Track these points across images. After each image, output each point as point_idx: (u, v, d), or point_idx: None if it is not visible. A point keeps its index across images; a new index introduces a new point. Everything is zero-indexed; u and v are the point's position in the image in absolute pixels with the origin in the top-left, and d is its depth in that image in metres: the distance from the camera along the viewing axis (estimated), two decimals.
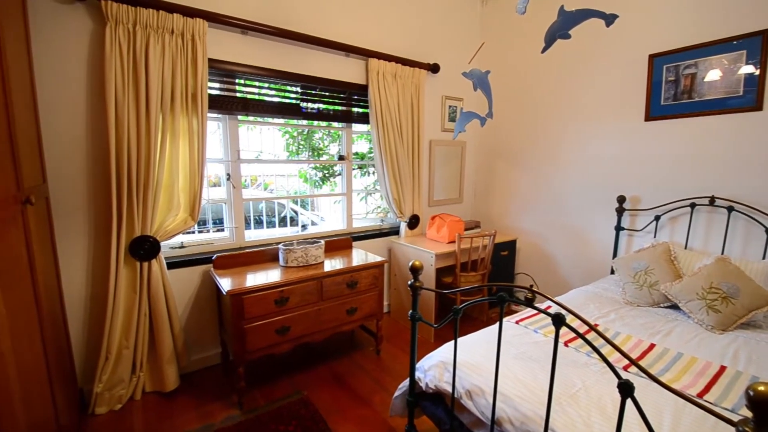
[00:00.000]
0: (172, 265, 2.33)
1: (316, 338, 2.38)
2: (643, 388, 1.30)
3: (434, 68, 3.36)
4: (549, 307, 2.12)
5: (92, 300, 2.15)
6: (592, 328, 1.00)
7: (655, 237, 2.68)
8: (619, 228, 2.85)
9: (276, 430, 1.94)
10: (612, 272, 2.87)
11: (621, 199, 2.80)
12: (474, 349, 1.65)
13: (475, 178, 4.04)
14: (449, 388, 1.50)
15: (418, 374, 1.68)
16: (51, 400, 1.51)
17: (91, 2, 1.94)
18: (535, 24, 3.22)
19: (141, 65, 1.98)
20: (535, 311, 1.42)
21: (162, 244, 2.17)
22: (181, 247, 2.48)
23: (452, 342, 1.53)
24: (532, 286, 1.13)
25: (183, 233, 2.31)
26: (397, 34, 3.16)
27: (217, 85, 2.39)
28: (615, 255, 2.88)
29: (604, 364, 0.98)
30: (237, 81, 2.48)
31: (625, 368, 1.51)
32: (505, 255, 3.41)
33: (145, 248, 2.10)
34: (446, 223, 3.12)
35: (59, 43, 1.92)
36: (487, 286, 1.28)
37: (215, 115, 2.46)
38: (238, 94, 2.49)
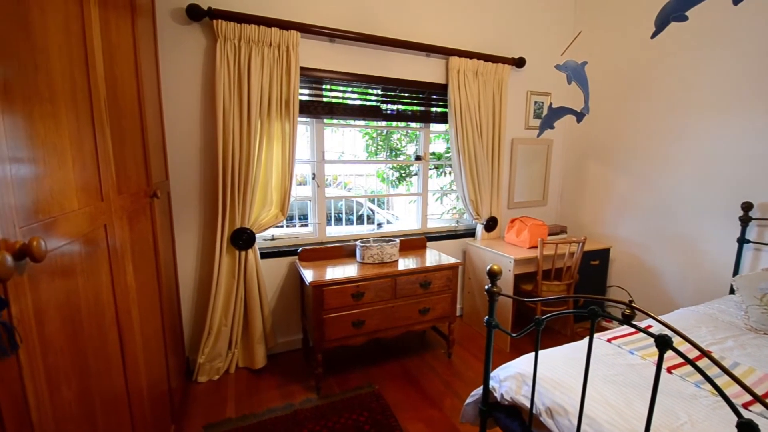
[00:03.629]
0: (264, 255, 2.57)
1: (389, 334, 2.43)
2: None
3: (519, 62, 3.19)
4: (650, 326, 1.88)
5: (199, 282, 2.47)
6: (705, 354, 0.87)
7: None
8: (743, 240, 2.41)
9: (349, 418, 2.03)
10: (732, 292, 2.44)
11: (747, 207, 2.37)
12: (556, 364, 1.54)
13: (562, 180, 3.75)
14: (527, 403, 1.42)
15: (492, 383, 1.61)
16: (165, 365, 1.77)
17: (205, 22, 2.23)
18: (641, 7, 2.88)
19: (244, 75, 2.22)
20: (633, 330, 1.27)
21: (256, 235, 2.41)
22: (272, 239, 2.72)
23: (531, 354, 1.45)
24: (631, 301, 1.01)
25: (274, 227, 2.53)
26: (479, 29, 3.07)
27: (306, 91, 2.57)
28: (736, 272, 2.44)
29: (718, 398, 0.85)
30: (324, 86, 2.63)
31: (746, 405, 1.27)
32: (595, 265, 3.11)
33: (243, 239, 2.35)
34: (527, 227, 2.95)
35: (180, 58, 2.23)
36: (574, 297, 1.19)
37: (304, 118, 2.65)
38: (324, 99, 2.65)
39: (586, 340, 1.37)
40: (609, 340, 1.79)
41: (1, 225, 0.59)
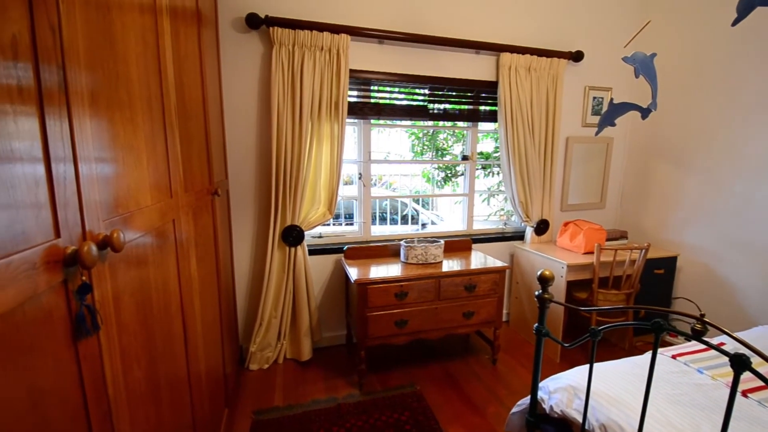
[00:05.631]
0: (312, 252, 2.67)
1: (432, 336, 2.40)
2: None
3: (576, 56, 3.01)
4: (722, 344, 1.70)
5: (253, 275, 2.61)
6: None
7: None
8: None
9: (390, 416, 2.04)
10: None
11: None
12: (612, 379, 1.44)
13: (623, 181, 3.49)
14: (579, 418, 1.34)
15: (541, 394, 1.55)
16: (221, 352, 1.89)
17: (262, 30, 2.35)
18: None
19: (297, 79, 2.31)
20: (704, 347, 1.16)
21: (305, 233, 2.50)
22: (320, 237, 2.81)
23: (585, 366, 1.36)
24: (702, 315, 0.92)
25: (321, 225, 2.61)
26: (533, 23, 2.93)
27: (354, 92, 2.62)
28: None
29: None
30: (372, 88, 2.67)
31: None
32: (659, 274, 2.86)
33: (293, 236, 2.45)
34: (583, 231, 2.78)
35: (239, 65, 2.37)
36: (634, 308, 1.10)
37: (352, 120, 2.70)
38: (372, 100, 2.68)
39: (647, 354, 1.27)
40: (674, 357, 1.64)
41: (88, 218, 0.67)
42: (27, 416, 0.52)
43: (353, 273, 2.30)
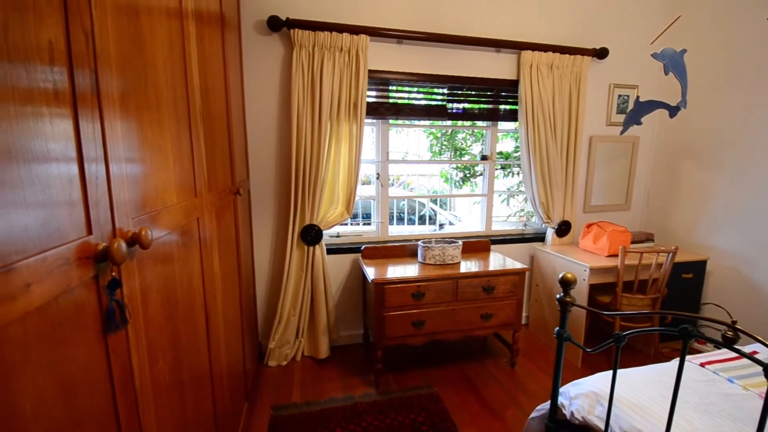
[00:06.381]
0: (330, 251, 2.69)
1: (449, 337, 2.39)
2: None
3: (601, 53, 2.93)
4: (755, 352, 1.62)
5: (272, 273, 2.66)
6: None
7: None
8: None
9: (407, 417, 2.04)
10: None
11: None
12: (636, 386, 1.40)
13: (650, 181, 3.37)
14: (601, 424, 1.30)
15: (561, 400, 1.51)
16: (241, 348, 1.93)
17: (283, 32, 2.38)
18: None
19: (317, 80, 2.34)
20: (735, 355, 1.11)
21: (323, 232, 2.53)
22: (338, 236, 2.83)
23: (608, 372, 1.33)
24: (734, 322, 0.88)
25: (339, 224, 2.63)
26: (555, 19, 2.87)
27: (373, 93, 2.62)
28: None
29: None
30: (390, 88, 2.67)
31: None
32: (687, 278, 2.75)
33: (311, 235, 2.48)
34: (606, 233, 2.70)
35: (260, 67, 2.42)
36: (661, 313, 1.06)
37: (370, 120, 2.71)
38: (391, 100, 2.68)
39: (674, 362, 1.22)
40: (702, 365, 1.58)
41: (118, 216, 0.69)
42: (59, 405, 0.54)
43: (370, 272, 2.31)
